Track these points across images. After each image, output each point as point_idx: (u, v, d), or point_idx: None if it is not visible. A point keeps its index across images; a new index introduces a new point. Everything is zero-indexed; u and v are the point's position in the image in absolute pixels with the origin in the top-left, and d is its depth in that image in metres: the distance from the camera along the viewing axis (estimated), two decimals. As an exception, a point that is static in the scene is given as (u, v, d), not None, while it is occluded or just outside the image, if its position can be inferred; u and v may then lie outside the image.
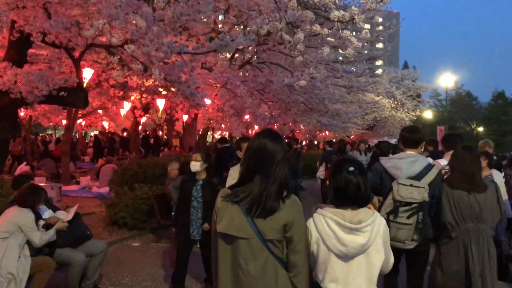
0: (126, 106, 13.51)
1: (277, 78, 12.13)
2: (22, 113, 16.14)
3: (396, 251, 2.93)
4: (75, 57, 6.84)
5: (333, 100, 14.73)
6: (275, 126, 20.06)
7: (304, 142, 30.38)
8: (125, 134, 25.42)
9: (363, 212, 2.21)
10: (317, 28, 9.48)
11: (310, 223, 2.24)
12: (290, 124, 19.68)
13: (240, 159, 3.64)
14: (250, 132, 17.64)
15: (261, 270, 2.05)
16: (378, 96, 29.07)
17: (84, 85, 9.40)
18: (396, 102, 32.00)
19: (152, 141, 27.82)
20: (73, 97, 7.00)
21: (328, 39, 12.76)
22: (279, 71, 14.20)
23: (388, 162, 3.70)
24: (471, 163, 3.56)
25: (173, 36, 6.74)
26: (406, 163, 3.58)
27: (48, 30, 5.81)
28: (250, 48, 13.11)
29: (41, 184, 10.72)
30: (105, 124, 25.87)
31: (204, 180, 4.57)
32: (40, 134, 29.39)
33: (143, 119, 25.57)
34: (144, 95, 13.19)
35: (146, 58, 5.68)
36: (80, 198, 10.37)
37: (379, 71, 39.18)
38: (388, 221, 3.32)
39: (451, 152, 3.92)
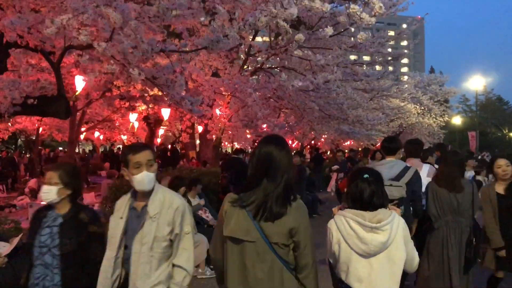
0: (133, 117, 12.84)
1: (289, 82, 11.23)
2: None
3: None
4: (53, 62, 6.11)
5: (353, 105, 13.68)
6: (295, 135, 19.15)
7: (327, 152, 29.27)
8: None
9: (382, 212, 2.30)
10: (328, 30, 8.61)
11: (331, 224, 2.36)
12: (312, 133, 18.77)
13: None
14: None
15: (268, 273, 2.09)
16: (403, 101, 27.80)
17: (76, 94, 8.75)
18: (422, 108, 30.59)
19: (169, 153, 27.32)
20: (53, 107, 6.27)
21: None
22: (293, 76, 13.32)
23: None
24: (454, 167, 4.25)
25: (157, 33, 5.95)
26: (385, 168, 4.13)
27: (13, 29, 5.09)
28: (257, 57, 12.38)
29: (35, 204, 10.15)
30: (124, 138, 25.45)
31: (66, 216, 2.87)
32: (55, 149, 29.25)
33: (161, 131, 25.14)
34: (150, 105, 12.52)
35: (122, 57, 4.89)
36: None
37: (404, 78, 37.83)
38: None
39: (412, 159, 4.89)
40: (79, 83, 8.37)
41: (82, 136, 26.11)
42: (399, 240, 2.29)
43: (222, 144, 26.57)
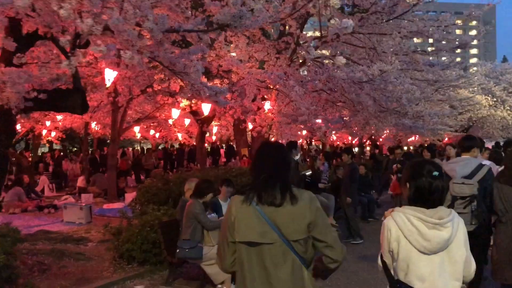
0: (175, 113, 12.28)
1: (341, 73, 10.14)
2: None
3: None
4: (66, 51, 5.50)
5: (413, 98, 12.27)
6: (352, 131, 17.88)
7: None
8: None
9: (441, 209, 2.26)
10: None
11: (389, 220, 2.30)
12: (370, 128, 17.43)
13: None
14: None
15: (290, 273, 2.06)
16: (473, 93, 25.50)
17: (107, 86, 8.22)
18: (495, 99, 27.99)
19: (222, 151, 26.87)
20: (68, 101, 5.68)
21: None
22: (348, 67, 12.19)
23: (446, 166, 4.62)
24: None
25: (178, 13, 5.16)
26: (459, 166, 4.49)
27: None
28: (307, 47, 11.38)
29: (70, 204, 9.83)
30: (179, 135, 25.29)
31: None
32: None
33: (215, 129, 24.72)
34: (194, 100, 11.91)
35: (122, 38, 4.16)
36: (115, 219, 9.17)
37: (473, 60, 34.97)
38: None
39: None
40: (109, 76, 7.82)
41: (139, 135, 26.42)
42: (460, 239, 2.26)
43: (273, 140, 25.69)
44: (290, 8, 10.19)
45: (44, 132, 17.82)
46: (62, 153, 21.27)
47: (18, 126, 16.66)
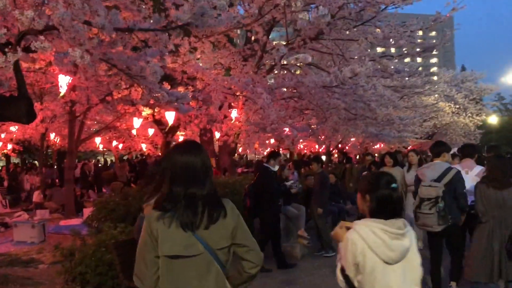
0: (137, 123, 11.70)
1: (310, 78, 9.87)
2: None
3: (431, 235, 5.01)
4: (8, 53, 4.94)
5: (383, 103, 12.16)
6: (319, 138, 17.69)
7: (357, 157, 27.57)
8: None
9: (398, 220, 2.32)
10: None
11: (352, 234, 2.29)
12: (338, 136, 17.27)
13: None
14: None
15: (214, 283, 2.04)
16: (436, 100, 25.88)
17: (61, 95, 7.64)
18: (457, 107, 28.55)
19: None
20: (11, 109, 5.11)
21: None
22: (314, 73, 11.96)
23: (419, 170, 5.29)
24: (499, 168, 4.85)
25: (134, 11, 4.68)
26: (430, 170, 5.04)
27: None
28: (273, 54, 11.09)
29: (21, 222, 9.08)
30: (143, 146, 24.47)
31: None
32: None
33: (181, 139, 24.08)
34: (156, 109, 11.38)
35: (69, 36, 3.66)
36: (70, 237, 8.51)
37: (434, 69, 35.78)
38: (416, 213, 4.95)
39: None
40: (63, 82, 7.25)
41: (101, 146, 25.43)
42: (414, 246, 2.34)
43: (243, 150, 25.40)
44: (255, 14, 9.89)
45: (-1, 144, 16.86)
46: (19, 167, 20.13)
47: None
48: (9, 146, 18.63)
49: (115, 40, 4.18)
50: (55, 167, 20.12)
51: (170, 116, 10.01)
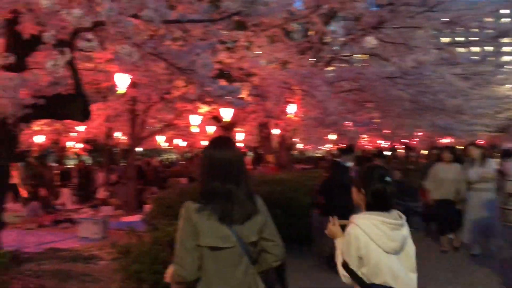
0: (194, 120, 11.72)
1: (371, 69, 9.39)
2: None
3: None
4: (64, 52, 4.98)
5: (451, 94, 11.33)
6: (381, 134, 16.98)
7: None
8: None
9: (393, 211, 2.41)
10: None
11: (354, 228, 2.36)
12: (402, 130, 16.45)
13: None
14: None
15: (244, 272, 2.16)
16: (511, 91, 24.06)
17: (118, 92, 7.73)
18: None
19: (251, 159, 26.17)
20: (68, 108, 5.16)
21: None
22: (376, 64, 11.39)
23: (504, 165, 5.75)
24: None
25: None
26: None
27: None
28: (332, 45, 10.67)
29: (84, 218, 9.34)
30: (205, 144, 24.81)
31: None
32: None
33: (240, 136, 24.11)
34: (213, 106, 11.34)
35: (115, 30, 3.57)
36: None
37: (507, 58, 33.37)
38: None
39: None
40: (121, 81, 7.31)
41: (166, 144, 26.07)
42: (409, 235, 2.44)
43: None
44: (313, 5, 9.56)
45: (71, 143, 17.65)
46: (89, 165, 21.01)
47: (43, 139, 16.54)
48: (80, 145, 19.51)
49: (165, 34, 4.07)
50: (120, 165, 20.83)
51: (226, 113, 9.90)
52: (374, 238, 2.31)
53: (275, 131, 13.80)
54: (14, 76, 4.75)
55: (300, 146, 29.13)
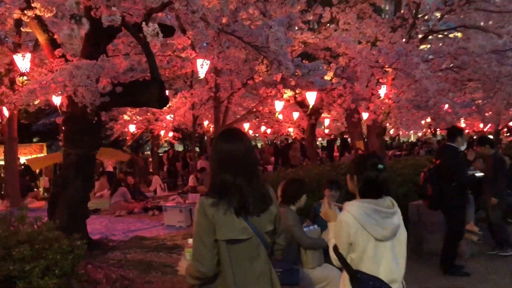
0: (278, 106, 11.31)
1: (475, 43, 8.28)
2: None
3: None
4: (140, 37, 4.79)
5: None
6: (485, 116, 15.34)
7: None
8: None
9: (386, 199, 2.43)
10: None
11: (345, 215, 2.39)
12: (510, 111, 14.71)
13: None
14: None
15: (263, 263, 2.16)
16: None
17: (201, 77, 7.52)
18: None
19: (336, 145, 25.36)
20: (145, 94, 4.98)
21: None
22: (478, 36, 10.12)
23: None
24: None
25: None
26: None
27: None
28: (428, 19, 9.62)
29: (170, 206, 9.32)
30: (290, 130, 24.41)
31: None
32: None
33: (327, 121, 23.37)
34: (297, 90, 10.85)
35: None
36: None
37: None
38: None
39: None
40: (201, 66, 7.10)
41: (250, 132, 26.10)
42: (402, 223, 2.46)
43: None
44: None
45: (162, 132, 18.24)
46: (179, 153, 21.63)
47: (132, 128, 17.24)
48: (170, 134, 20.12)
49: (237, 8, 3.67)
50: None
51: (311, 97, 9.37)
52: (365, 226, 2.35)
53: (364, 116, 12.98)
54: (91, 63, 4.66)
55: (391, 131, 27.67)
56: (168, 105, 11.28)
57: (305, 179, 5.80)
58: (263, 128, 23.49)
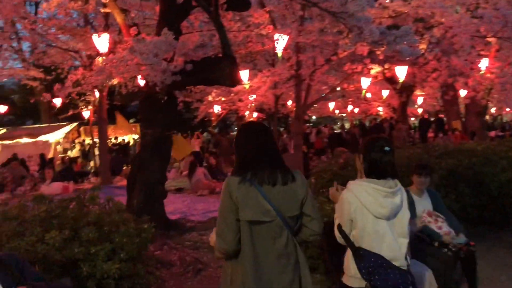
0: (365, 83, 10.58)
1: None
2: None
3: None
4: (210, 10, 4.53)
5: None
6: None
7: None
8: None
9: (390, 180, 2.53)
10: None
11: (347, 193, 2.52)
12: None
13: None
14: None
15: (285, 244, 2.26)
16: None
17: (279, 56, 7.16)
18: None
19: (434, 125, 23.68)
20: (216, 72, 4.73)
21: None
22: None
23: None
24: None
25: None
26: None
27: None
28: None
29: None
30: (380, 109, 23.20)
31: None
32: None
33: (420, 100, 21.82)
34: (386, 66, 10.06)
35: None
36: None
37: None
38: None
39: None
40: (277, 42, 6.74)
41: (337, 112, 25.27)
42: (405, 204, 2.56)
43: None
44: None
45: (247, 113, 18.22)
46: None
47: (217, 109, 17.37)
48: (255, 115, 20.07)
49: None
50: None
51: (401, 71, 8.59)
52: (365, 203, 2.46)
53: (462, 93, 11.81)
54: (159, 40, 4.49)
55: (493, 109, 25.35)
56: (249, 85, 11.09)
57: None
58: (349, 107, 22.59)
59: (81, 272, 3.10)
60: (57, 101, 13.96)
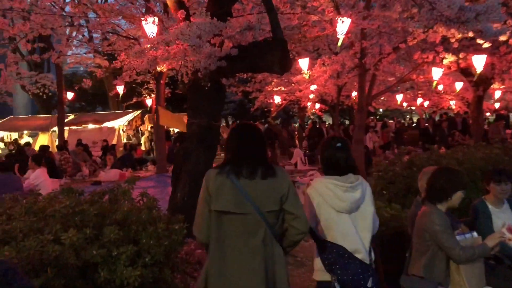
0: (436, 73, 9.64)
1: None
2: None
3: None
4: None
5: None
6: None
7: None
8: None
9: (351, 176, 2.64)
10: None
11: (311, 189, 2.68)
12: None
13: None
14: None
15: (262, 241, 2.22)
16: None
17: (339, 43, 6.56)
18: None
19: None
20: (265, 57, 4.27)
21: None
22: None
23: None
24: None
25: None
26: None
27: None
28: None
29: (302, 184, 8.59)
30: (452, 103, 21.58)
31: None
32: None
33: (498, 93, 20.02)
34: (460, 55, 9.07)
35: None
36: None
37: None
38: None
39: None
40: (342, 27, 6.16)
41: (405, 105, 23.92)
42: (368, 198, 2.66)
43: None
44: None
45: (309, 105, 17.70)
46: (320, 125, 20.85)
47: (277, 99, 16.90)
48: (317, 106, 19.44)
49: None
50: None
51: (478, 61, 7.66)
52: (326, 198, 2.60)
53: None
54: (203, 21, 4.10)
55: None
56: (308, 74, 10.51)
57: (465, 165, 4.54)
58: (419, 100, 21.21)
59: (99, 277, 2.78)
60: (120, 89, 14.20)
